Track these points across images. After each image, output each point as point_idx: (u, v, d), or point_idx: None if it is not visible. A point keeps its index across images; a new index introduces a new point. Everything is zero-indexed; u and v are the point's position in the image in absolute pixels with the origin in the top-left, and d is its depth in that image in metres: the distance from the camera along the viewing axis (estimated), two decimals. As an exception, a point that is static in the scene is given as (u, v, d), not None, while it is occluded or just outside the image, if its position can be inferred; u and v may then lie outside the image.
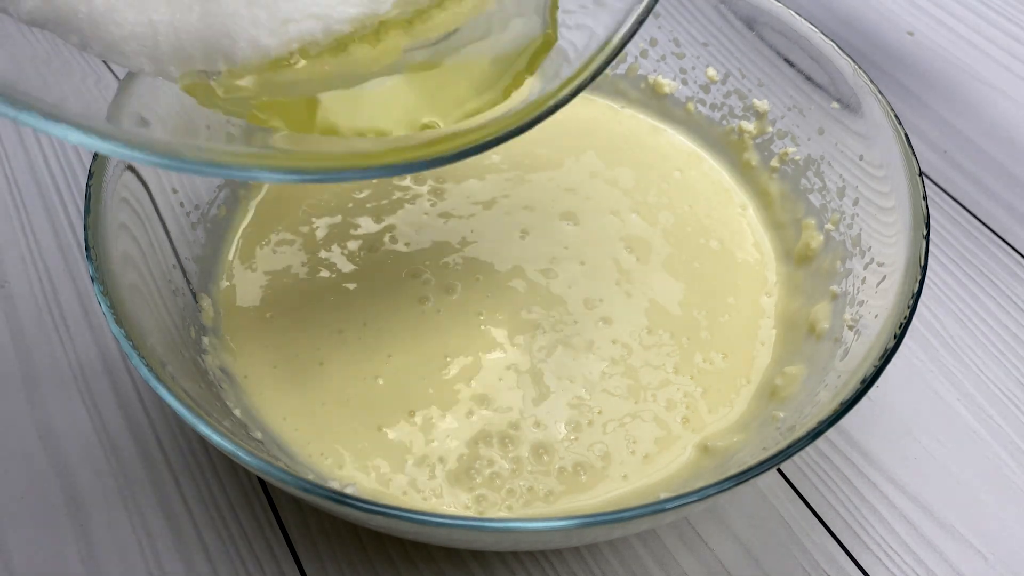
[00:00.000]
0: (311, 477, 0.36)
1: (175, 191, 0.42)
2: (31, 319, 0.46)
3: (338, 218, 0.47)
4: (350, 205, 0.47)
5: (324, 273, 0.44)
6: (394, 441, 0.39)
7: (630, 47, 0.51)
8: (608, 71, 0.49)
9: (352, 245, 0.45)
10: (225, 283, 0.44)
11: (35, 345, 0.45)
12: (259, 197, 0.47)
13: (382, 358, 0.41)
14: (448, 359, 0.41)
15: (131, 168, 0.39)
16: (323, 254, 0.45)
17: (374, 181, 0.48)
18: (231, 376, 0.40)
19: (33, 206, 0.51)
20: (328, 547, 0.39)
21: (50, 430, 0.42)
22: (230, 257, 0.45)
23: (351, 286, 0.44)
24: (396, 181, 0.48)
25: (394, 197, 0.47)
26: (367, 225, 0.46)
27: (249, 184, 0.47)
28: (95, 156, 0.37)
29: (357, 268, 0.44)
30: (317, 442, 0.39)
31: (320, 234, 0.46)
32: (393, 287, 0.44)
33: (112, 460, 0.42)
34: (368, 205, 0.47)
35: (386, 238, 0.46)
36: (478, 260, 0.45)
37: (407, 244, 0.45)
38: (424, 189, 0.48)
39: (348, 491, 0.34)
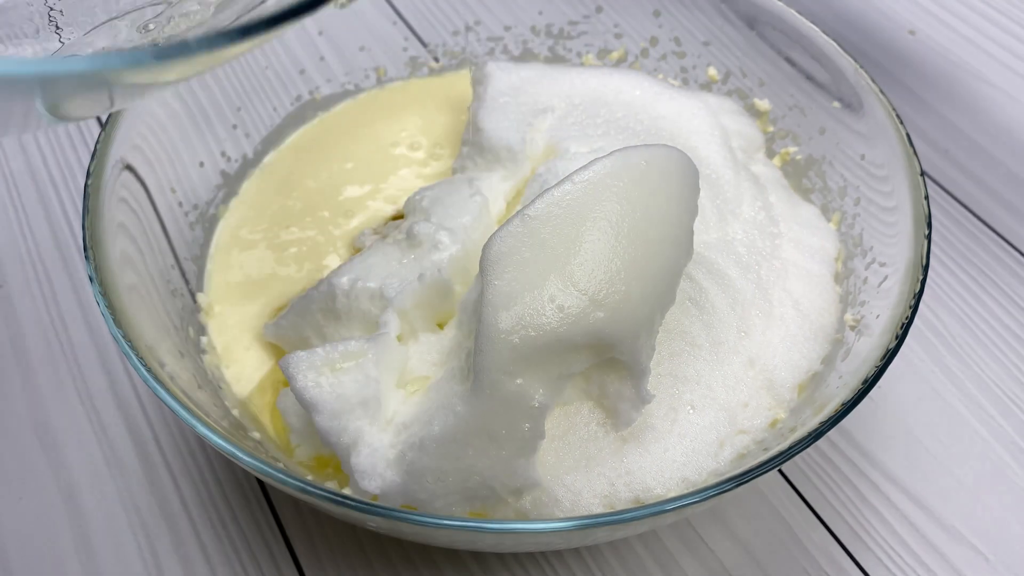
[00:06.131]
0: (310, 477, 0.36)
1: (173, 190, 0.42)
2: (29, 320, 0.46)
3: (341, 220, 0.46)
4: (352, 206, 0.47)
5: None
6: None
7: (630, 46, 0.51)
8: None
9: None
10: (223, 282, 0.44)
11: (33, 346, 0.45)
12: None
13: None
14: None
15: (129, 167, 0.39)
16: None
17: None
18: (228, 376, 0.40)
19: (31, 206, 0.51)
20: (327, 548, 0.39)
21: (48, 431, 0.42)
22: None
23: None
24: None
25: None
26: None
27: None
28: (93, 156, 0.37)
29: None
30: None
31: (320, 238, 0.46)
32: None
33: (110, 460, 0.41)
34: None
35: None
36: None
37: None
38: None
39: (346, 491, 0.33)
